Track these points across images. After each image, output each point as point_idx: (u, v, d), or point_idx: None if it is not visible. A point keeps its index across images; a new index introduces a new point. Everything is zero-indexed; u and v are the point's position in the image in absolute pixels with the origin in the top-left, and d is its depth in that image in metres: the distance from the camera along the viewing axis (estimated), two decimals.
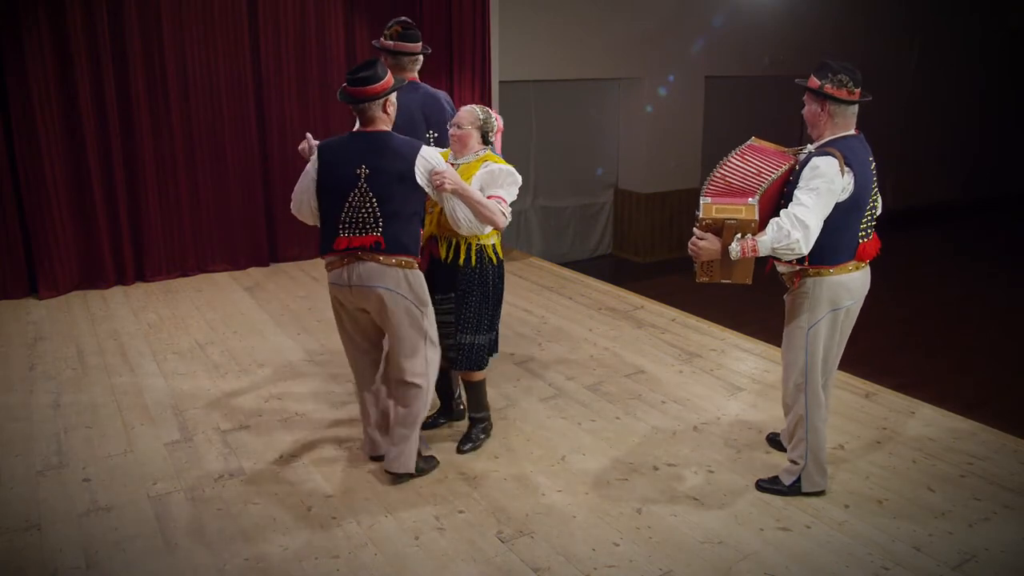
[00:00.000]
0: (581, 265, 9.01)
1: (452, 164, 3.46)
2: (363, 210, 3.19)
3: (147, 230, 6.39)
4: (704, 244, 3.05)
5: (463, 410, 3.98)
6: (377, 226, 3.19)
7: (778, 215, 2.99)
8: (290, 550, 2.97)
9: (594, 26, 9.12)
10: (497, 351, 3.79)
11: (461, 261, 3.53)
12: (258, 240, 6.89)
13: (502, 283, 3.67)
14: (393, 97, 3.27)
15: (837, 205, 2.98)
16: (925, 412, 4.14)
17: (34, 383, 4.46)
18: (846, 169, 2.95)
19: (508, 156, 3.84)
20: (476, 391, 3.77)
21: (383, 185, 3.18)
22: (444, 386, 3.92)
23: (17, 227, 5.91)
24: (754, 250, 2.97)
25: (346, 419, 4.05)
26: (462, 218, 3.29)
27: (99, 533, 3.06)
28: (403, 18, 4.29)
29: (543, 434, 3.89)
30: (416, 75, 4.29)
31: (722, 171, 3.09)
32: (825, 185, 2.92)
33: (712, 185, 3.09)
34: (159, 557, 2.93)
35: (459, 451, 3.71)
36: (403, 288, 3.23)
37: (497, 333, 3.75)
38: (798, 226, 2.90)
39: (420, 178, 3.20)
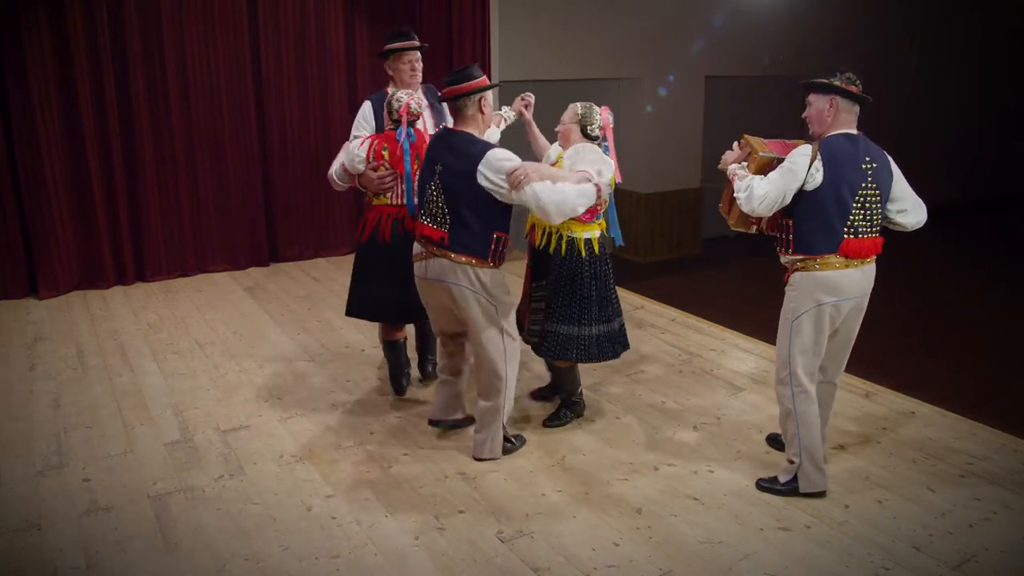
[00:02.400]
0: None
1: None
2: (436, 204, 3.38)
3: (147, 230, 6.39)
4: (728, 153, 3.42)
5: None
6: (446, 223, 3.35)
7: None
8: (290, 550, 2.97)
9: (594, 26, 9.11)
10: (625, 346, 3.85)
11: (551, 250, 3.67)
12: (258, 240, 6.90)
13: (598, 279, 3.69)
14: (487, 97, 3.39)
15: (808, 193, 3.11)
16: (925, 412, 4.14)
17: (34, 383, 4.46)
18: (818, 157, 3.08)
19: None
20: (563, 376, 3.96)
21: (451, 184, 3.33)
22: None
23: (17, 227, 5.91)
24: (734, 175, 3.29)
25: (346, 419, 4.05)
26: (538, 207, 3.30)
27: (99, 533, 3.06)
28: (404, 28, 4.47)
29: (543, 434, 3.89)
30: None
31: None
32: (789, 165, 3.14)
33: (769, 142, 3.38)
34: (159, 557, 2.93)
35: (544, 424, 3.95)
36: (476, 285, 3.37)
37: (603, 330, 3.72)
38: (747, 188, 3.16)
39: (483, 180, 3.26)
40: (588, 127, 3.65)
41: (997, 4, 12.97)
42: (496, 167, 3.26)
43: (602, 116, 3.71)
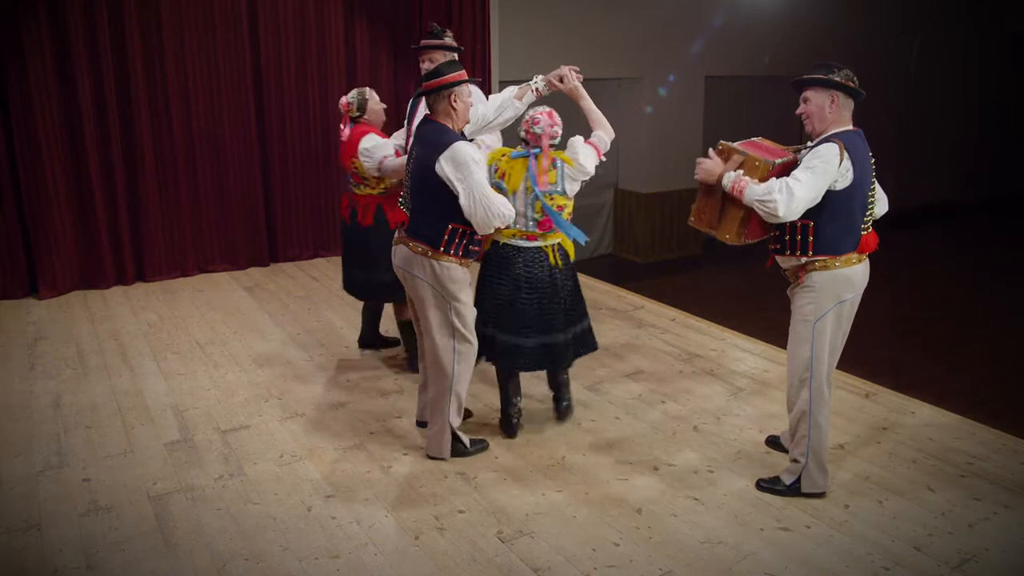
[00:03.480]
0: (581, 265, 8.97)
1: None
2: (407, 189, 3.49)
3: (147, 230, 6.39)
4: (708, 163, 3.21)
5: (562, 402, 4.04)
6: (409, 207, 3.45)
7: None
8: (290, 550, 2.97)
9: (594, 26, 9.11)
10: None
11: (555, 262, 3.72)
12: (258, 240, 6.89)
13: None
14: (460, 92, 3.39)
15: (838, 194, 3.04)
16: (925, 412, 4.14)
17: (34, 383, 4.46)
18: (846, 155, 3.01)
19: None
20: (565, 379, 4.01)
21: (417, 172, 3.39)
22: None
23: (17, 227, 5.91)
24: (741, 191, 3.07)
25: (346, 419, 4.05)
26: (479, 213, 3.30)
27: (99, 533, 3.06)
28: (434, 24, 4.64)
29: (543, 434, 3.89)
30: None
31: (748, 141, 3.27)
32: (821, 164, 2.99)
33: (745, 142, 3.27)
34: (159, 557, 2.93)
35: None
36: (428, 276, 3.39)
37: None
38: (784, 190, 2.98)
39: (440, 171, 3.29)
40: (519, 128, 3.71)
41: (996, 5, 12.97)
42: (458, 161, 3.26)
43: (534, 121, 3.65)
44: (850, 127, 3.13)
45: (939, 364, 6.70)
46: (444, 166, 3.28)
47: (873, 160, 3.16)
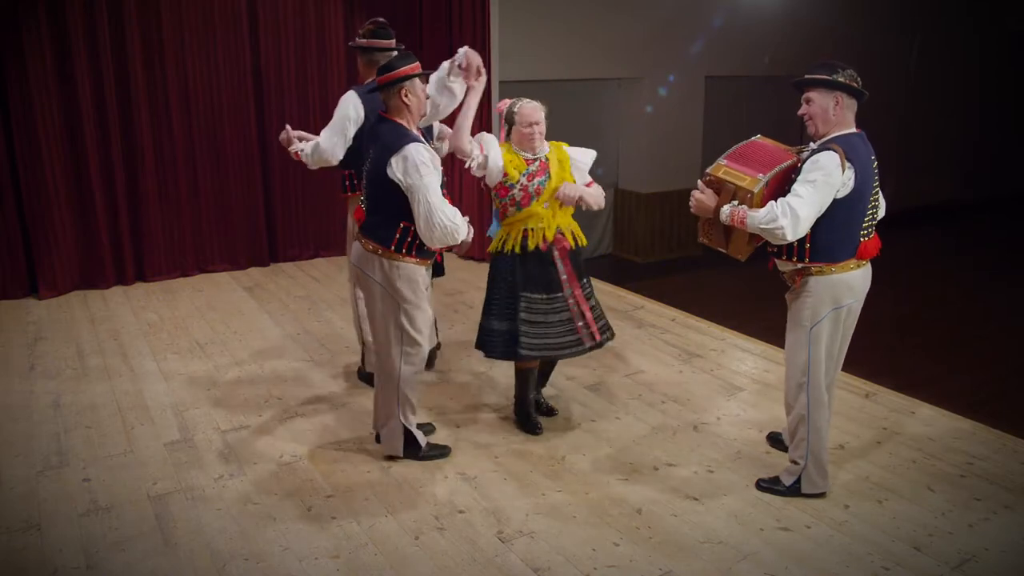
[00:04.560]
0: None
1: (533, 159, 3.66)
2: (364, 187, 3.45)
3: (147, 230, 6.39)
4: (700, 197, 3.17)
5: (543, 404, 4.11)
6: (365, 207, 3.43)
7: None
8: (290, 550, 2.97)
9: (594, 26, 9.11)
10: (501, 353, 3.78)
11: (574, 246, 3.79)
12: (258, 240, 6.90)
13: (490, 273, 3.81)
14: (413, 87, 3.29)
15: (839, 202, 2.99)
16: (925, 412, 4.14)
17: (34, 383, 4.46)
18: (847, 164, 2.95)
19: None
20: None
21: (371, 172, 3.35)
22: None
23: (17, 227, 5.91)
24: (742, 221, 3.00)
25: (346, 419, 4.05)
26: (423, 222, 3.25)
27: (99, 533, 3.06)
28: (379, 18, 4.40)
29: (543, 434, 3.89)
30: None
31: (742, 148, 3.17)
32: (823, 178, 2.93)
33: (733, 152, 3.18)
34: (159, 557, 2.93)
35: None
36: (376, 274, 3.35)
37: (487, 325, 3.77)
38: (788, 214, 2.91)
39: (391, 173, 3.21)
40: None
41: (996, 5, 12.97)
42: (408, 163, 3.18)
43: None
44: (853, 129, 3.07)
45: (939, 364, 6.69)
46: (395, 168, 3.20)
47: (875, 163, 3.12)
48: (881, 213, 3.27)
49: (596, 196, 3.72)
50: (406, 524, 3.14)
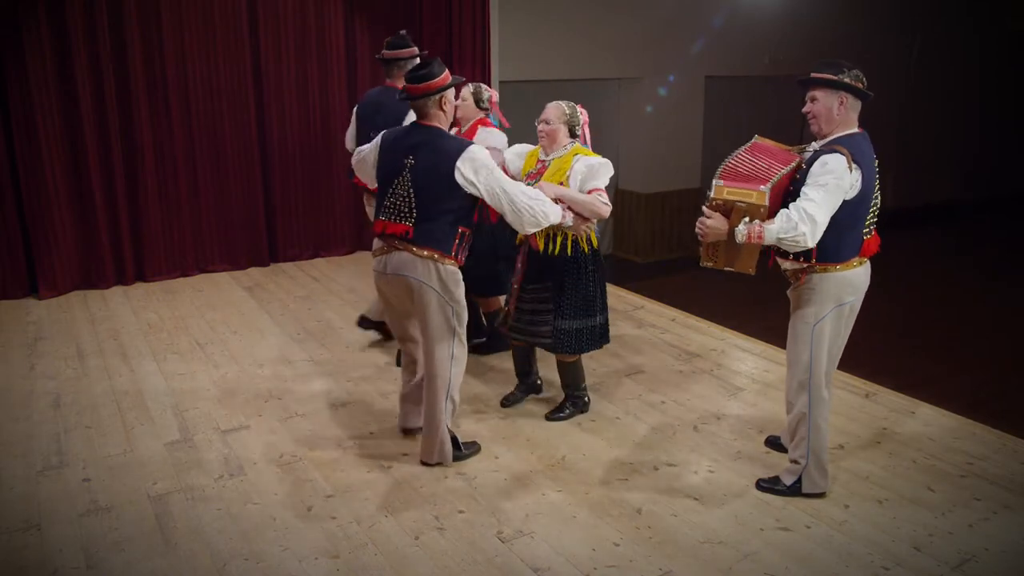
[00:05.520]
0: None
1: (542, 160, 3.71)
2: (401, 199, 3.34)
3: (147, 230, 6.39)
4: (711, 223, 3.04)
5: (540, 385, 4.28)
6: (411, 216, 3.32)
7: (786, 207, 2.98)
8: (290, 550, 2.97)
9: (594, 26, 9.12)
10: (607, 339, 3.96)
11: (557, 252, 3.71)
12: (258, 240, 6.89)
13: (597, 272, 3.84)
14: (450, 95, 3.39)
15: (846, 203, 2.98)
16: (925, 412, 4.14)
17: (34, 383, 4.46)
18: (854, 166, 2.96)
19: None
20: (569, 370, 4.00)
21: (422, 178, 3.31)
22: (523, 362, 4.18)
23: (17, 227, 5.91)
24: (760, 236, 2.95)
25: (346, 419, 4.05)
26: (512, 212, 3.34)
27: (99, 533, 3.06)
28: (401, 31, 4.80)
29: (543, 434, 3.89)
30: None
31: (734, 161, 3.11)
32: (834, 181, 2.92)
33: (726, 169, 3.10)
34: (159, 557, 2.93)
35: (547, 418, 4.00)
36: (433, 281, 3.33)
37: (603, 319, 3.91)
38: (806, 220, 2.89)
39: (460, 177, 3.27)
40: (575, 127, 3.67)
41: (996, 5, 12.97)
42: (480, 161, 3.27)
43: (582, 114, 3.76)
44: (856, 129, 3.07)
45: (939, 364, 6.70)
46: (464, 171, 3.25)
47: (877, 161, 3.12)
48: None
49: (584, 201, 3.55)
50: (406, 524, 3.14)
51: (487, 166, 3.28)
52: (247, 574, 2.84)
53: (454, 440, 3.60)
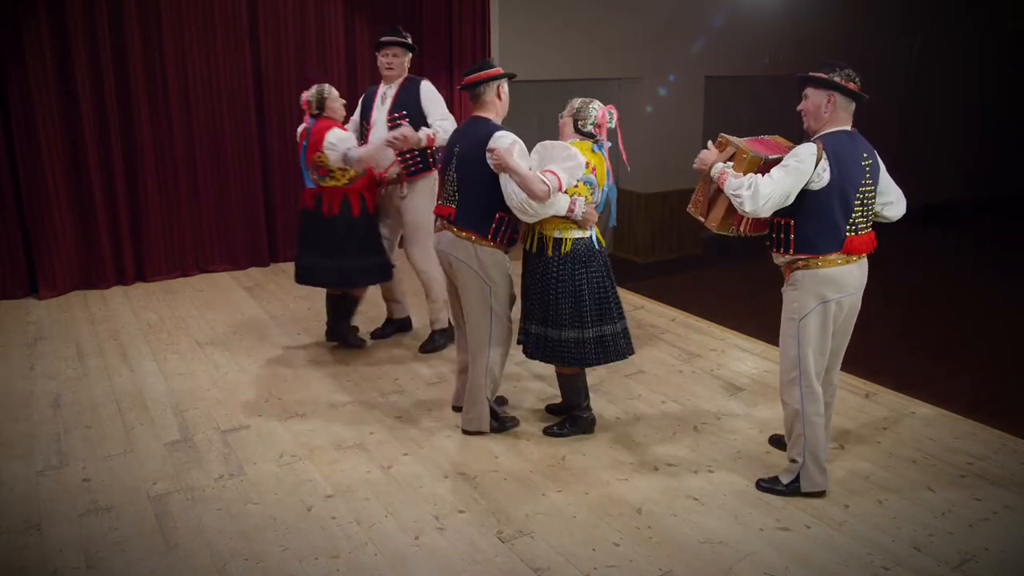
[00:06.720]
0: None
1: None
2: (451, 183, 3.69)
3: (147, 230, 6.39)
4: (706, 152, 3.32)
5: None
6: (454, 200, 3.65)
7: None
8: (290, 550, 2.97)
9: (594, 26, 9.11)
10: (621, 353, 3.66)
11: (534, 250, 3.66)
12: (258, 240, 6.89)
13: (588, 278, 3.55)
14: (505, 85, 3.68)
15: (814, 193, 3.07)
16: (925, 412, 4.14)
17: (34, 383, 4.46)
18: (823, 157, 3.04)
19: None
20: (563, 385, 3.87)
21: (464, 165, 3.61)
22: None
23: (17, 227, 5.91)
24: (722, 182, 3.17)
25: (346, 419, 4.05)
26: (511, 193, 3.42)
27: (99, 533, 3.06)
28: (397, 25, 4.91)
29: (543, 434, 3.89)
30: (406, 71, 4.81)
31: (759, 138, 3.35)
32: (796, 164, 3.05)
33: (751, 138, 3.34)
34: (159, 557, 2.93)
35: (545, 432, 3.89)
36: (472, 261, 3.61)
37: (598, 332, 3.58)
38: (751, 187, 3.05)
39: (489, 160, 3.47)
40: (580, 122, 3.62)
41: (996, 5, 12.97)
42: (502, 145, 3.46)
43: (599, 114, 3.61)
44: (845, 127, 3.13)
45: (939, 364, 6.69)
46: (487, 155, 3.47)
47: (869, 161, 3.14)
48: (898, 212, 3.32)
49: (525, 175, 3.34)
50: (406, 524, 3.14)
51: (504, 149, 3.42)
52: (247, 574, 2.84)
53: (493, 413, 3.84)
